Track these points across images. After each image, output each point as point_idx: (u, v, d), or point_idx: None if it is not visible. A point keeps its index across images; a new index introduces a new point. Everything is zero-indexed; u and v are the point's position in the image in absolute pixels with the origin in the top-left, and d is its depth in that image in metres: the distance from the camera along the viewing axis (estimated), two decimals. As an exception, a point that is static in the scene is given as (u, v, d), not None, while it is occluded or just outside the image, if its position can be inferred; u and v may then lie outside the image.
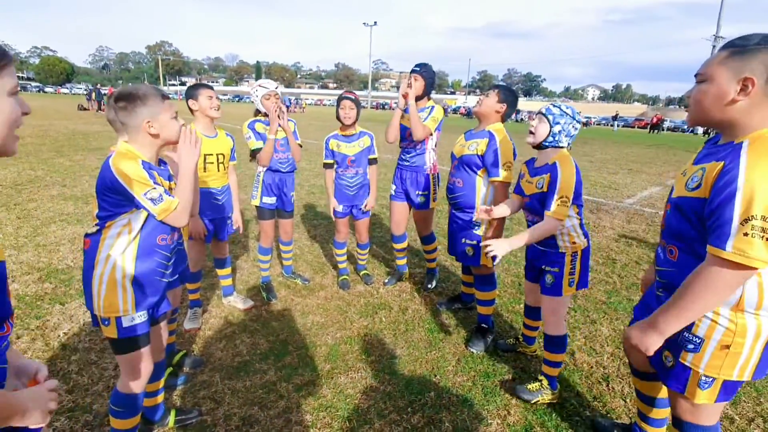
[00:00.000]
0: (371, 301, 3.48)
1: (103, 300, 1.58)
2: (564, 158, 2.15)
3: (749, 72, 1.15)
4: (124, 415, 1.74)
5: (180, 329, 2.92)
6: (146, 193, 1.52)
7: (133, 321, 1.63)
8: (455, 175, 2.79)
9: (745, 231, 1.10)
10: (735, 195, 1.12)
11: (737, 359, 1.30)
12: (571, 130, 2.15)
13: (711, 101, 1.23)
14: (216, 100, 2.77)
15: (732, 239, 1.12)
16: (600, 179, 9.84)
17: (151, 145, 1.62)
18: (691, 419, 1.45)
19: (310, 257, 4.39)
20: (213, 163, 2.81)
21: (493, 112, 2.68)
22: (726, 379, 1.33)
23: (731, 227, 1.12)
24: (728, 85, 1.19)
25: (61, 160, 8.73)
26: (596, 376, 2.59)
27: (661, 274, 1.48)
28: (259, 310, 3.28)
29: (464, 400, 2.35)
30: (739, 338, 1.27)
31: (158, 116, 1.59)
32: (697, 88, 1.27)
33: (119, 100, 1.55)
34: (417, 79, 3.23)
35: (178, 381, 2.39)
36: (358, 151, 3.42)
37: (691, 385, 1.38)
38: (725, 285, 1.17)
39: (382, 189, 7.50)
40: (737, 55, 1.18)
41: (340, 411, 2.24)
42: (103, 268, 1.58)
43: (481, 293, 2.89)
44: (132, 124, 1.57)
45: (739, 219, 1.11)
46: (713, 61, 1.24)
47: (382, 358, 2.71)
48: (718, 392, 1.36)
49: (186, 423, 2.10)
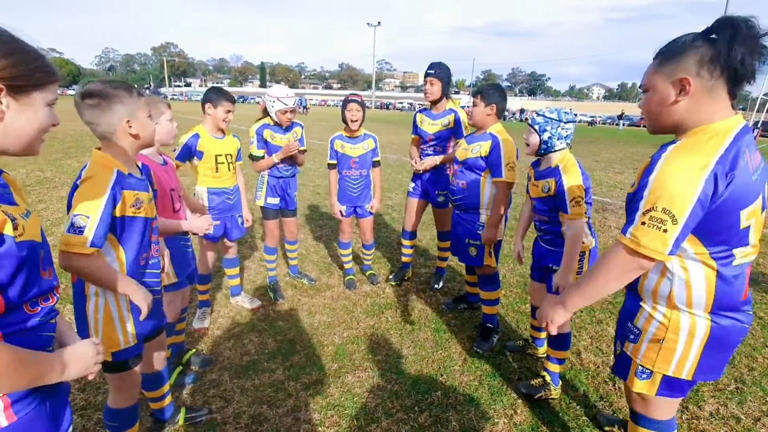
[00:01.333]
0: (377, 301, 3.50)
1: (101, 336, 1.48)
2: (565, 160, 2.19)
3: (682, 72, 1.19)
4: (120, 428, 1.70)
5: (189, 329, 2.95)
6: (77, 215, 1.32)
7: (128, 344, 1.55)
8: (459, 177, 2.82)
9: (643, 220, 1.17)
10: (646, 187, 1.18)
11: (672, 355, 1.34)
12: (561, 132, 2.17)
13: (656, 108, 1.28)
14: (231, 116, 2.82)
15: (632, 227, 1.20)
16: (606, 179, 9.80)
17: (130, 148, 1.48)
18: (642, 411, 1.51)
19: (315, 257, 4.42)
20: (224, 164, 2.86)
21: (486, 117, 2.71)
22: (664, 374, 1.37)
23: (636, 216, 1.19)
24: (666, 90, 1.23)
25: (69, 161, 8.82)
26: (602, 376, 2.60)
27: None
28: (266, 309, 3.31)
29: (471, 400, 2.37)
30: (672, 334, 1.32)
31: (137, 114, 1.44)
32: (644, 98, 1.33)
33: (89, 97, 1.38)
34: (434, 83, 3.25)
35: (187, 380, 2.43)
36: (362, 153, 3.45)
37: (630, 373, 1.45)
38: (621, 269, 1.23)
39: (386, 189, 7.52)
40: (667, 60, 1.22)
41: (347, 410, 2.26)
42: (96, 302, 1.48)
43: (485, 293, 2.91)
44: (106, 123, 1.40)
45: (643, 209, 1.18)
46: (649, 70, 1.29)
47: (388, 358, 2.73)
48: (658, 386, 1.40)
49: (196, 421, 2.13)
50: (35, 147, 0.91)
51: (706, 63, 1.15)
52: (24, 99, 0.86)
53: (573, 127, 2.21)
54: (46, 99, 0.90)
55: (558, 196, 2.15)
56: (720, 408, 2.34)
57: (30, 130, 0.89)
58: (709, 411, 2.31)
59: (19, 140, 0.88)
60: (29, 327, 0.89)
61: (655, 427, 1.49)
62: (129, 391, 1.66)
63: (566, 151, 2.23)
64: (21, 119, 0.86)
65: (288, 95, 3.11)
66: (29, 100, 0.87)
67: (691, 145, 1.19)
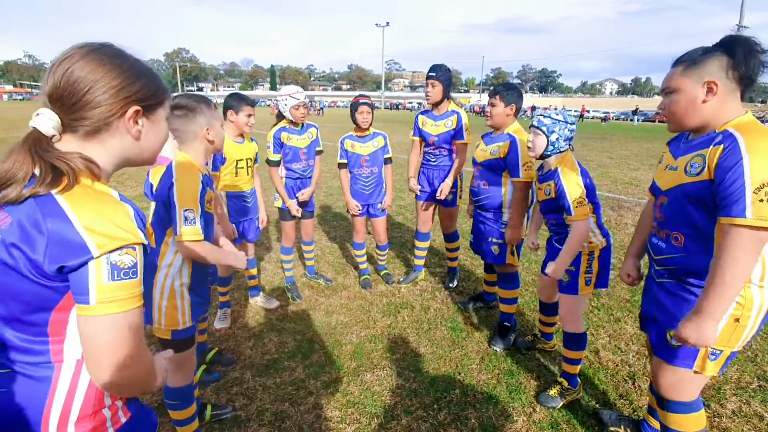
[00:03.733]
0: (393, 301, 3.54)
1: (164, 316, 1.68)
2: (565, 162, 2.19)
3: (709, 76, 1.36)
4: (181, 406, 1.86)
5: (211, 328, 3.03)
6: (187, 210, 1.59)
7: (186, 325, 1.75)
8: (480, 178, 2.84)
9: (760, 198, 1.23)
10: (743, 170, 1.25)
11: (743, 331, 1.40)
12: (567, 133, 2.18)
13: (684, 107, 1.43)
14: (253, 119, 2.91)
15: (750, 207, 1.24)
16: (621, 176, 9.67)
17: (205, 151, 1.75)
18: (675, 397, 1.56)
19: (331, 258, 4.48)
20: (243, 168, 2.94)
21: (506, 118, 2.74)
22: (732, 351, 1.44)
23: (746, 197, 1.24)
24: (695, 91, 1.39)
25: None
26: (621, 375, 2.59)
27: (665, 262, 1.57)
28: (284, 309, 3.37)
29: (489, 398, 2.38)
30: (747, 311, 1.38)
31: (213, 123, 1.72)
32: (669, 99, 1.47)
33: (178, 109, 1.66)
34: (435, 86, 3.27)
35: (211, 378, 2.50)
36: (372, 151, 3.50)
37: (701, 360, 1.47)
38: (749, 251, 1.26)
39: (398, 189, 7.55)
40: (692, 67, 1.40)
41: (367, 407, 2.30)
42: (163, 283, 1.67)
43: (504, 291, 2.92)
44: (190, 131, 1.68)
45: (752, 188, 1.24)
46: (674, 75, 1.45)
47: (406, 356, 2.77)
48: (722, 364, 1.47)
49: (221, 418, 2.20)
50: (156, 158, 0.98)
51: (729, 69, 1.36)
52: (153, 117, 0.91)
53: (574, 128, 2.22)
54: (166, 114, 0.96)
55: (559, 199, 2.16)
56: (743, 406, 2.31)
57: (158, 143, 0.95)
58: (731, 409, 2.29)
59: (150, 153, 0.95)
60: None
61: (689, 408, 1.56)
62: (186, 370, 1.83)
63: (567, 152, 2.23)
64: (151, 136, 0.92)
65: (298, 91, 3.25)
66: (156, 117, 0.92)
67: (761, 129, 1.32)
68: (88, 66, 0.80)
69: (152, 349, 2.79)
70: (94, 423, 0.86)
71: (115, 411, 0.91)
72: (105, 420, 0.88)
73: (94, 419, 0.86)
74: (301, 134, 3.35)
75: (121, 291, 0.75)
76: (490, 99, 2.78)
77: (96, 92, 0.80)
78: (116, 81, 0.82)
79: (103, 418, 0.88)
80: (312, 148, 3.43)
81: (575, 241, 2.12)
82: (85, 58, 0.80)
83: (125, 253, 0.75)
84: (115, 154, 0.88)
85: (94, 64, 0.80)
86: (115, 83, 0.82)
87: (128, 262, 0.75)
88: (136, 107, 0.85)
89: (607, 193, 7.61)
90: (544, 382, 2.52)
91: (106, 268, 0.73)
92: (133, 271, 0.76)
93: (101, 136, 0.85)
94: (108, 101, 0.81)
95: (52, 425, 0.81)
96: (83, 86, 0.79)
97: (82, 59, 0.80)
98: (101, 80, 0.80)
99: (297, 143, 3.33)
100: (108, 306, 0.74)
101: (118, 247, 0.74)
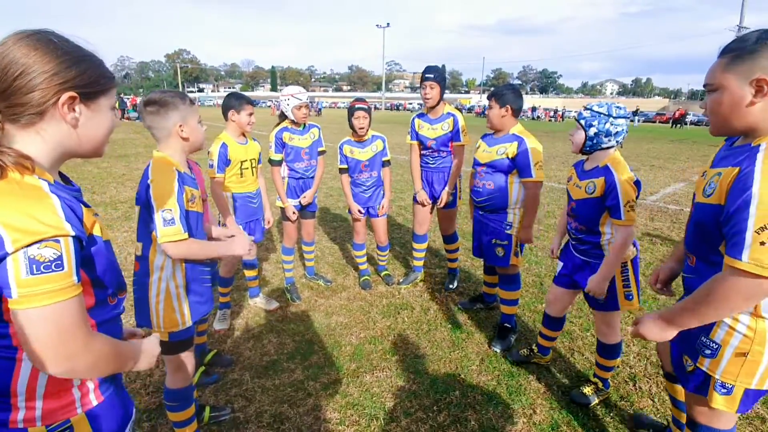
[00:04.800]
0: (393, 302, 3.53)
1: (162, 318, 1.68)
2: (616, 162, 2.03)
3: (760, 72, 1.10)
4: (180, 407, 1.86)
5: (210, 329, 3.02)
6: (163, 210, 1.55)
7: (185, 326, 1.74)
8: (484, 179, 2.81)
9: (761, 240, 1.05)
10: (750, 202, 1.07)
11: (756, 367, 1.25)
12: (610, 128, 2.00)
13: (728, 109, 1.18)
14: (254, 118, 2.90)
15: (748, 249, 1.07)
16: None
17: (182, 149, 1.69)
18: (706, 422, 1.43)
19: (331, 259, 4.47)
20: (248, 169, 2.94)
21: (501, 119, 2.73)
22: (746, 388, 1.28)
23: (746, 236, 1.07)
24: (741, 90, 1.14)
25: (88, 167, 9.06)
26: (623, 376, 2.58)
27: (685, 281, 1.47)
28: (284, 310, 3.37)
29: (489, 399, 2.37)
30: (758, 346, 1.23)
31: (188, 120, 1.65)
32: (710, 98, 1.23)
33: (149, 105, 1.61)
34: (433, 87, 3.25)
35: (210, 379, 2.49)
36: (371, 156, 3.49)
37: (710, 390, 1.35)
38: (744, 296, 1.11)
39: (398, 190, 7.54)
40: (740, 59, 1.14)
41: (367, 409, 2.29)
42: (158, 286, 1.66)
43: (505, 293, 2.91)
44: (163, 128, 1.62)
45: (755, 227, 1.06)
46: (717, 68, 1.20)
47: (406, 358, 2.76)
48: (740, 401, 1.30)
49: (220, 419, 2.19)
50: (103, 149, 0.96)
51: None
52: (93, 105, 0.88)
53: (625, 123, 2.02)
54: (110, 103, 0.93)
55: (607, 197, 1.99)
56: (745, 408, 2.30)
57: (100, 134, 0.92)
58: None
59: (91, 144, 0.92)
60: (110, 318, 0.98)
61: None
62: (185, 372, 1.82)
63: (616, 150, 2.07)
64: (92, 125, 0.89)
65: (300, 91, 3.25)
66: (97, 106, 0.90)
67: None
68: (20, 51, 0.78)
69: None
70: (62, 402, 0.89)
71: (85, 392, 0.93)
72: (74, 400, 0.91)
73: (61, 397, 0.89)
74: (303, 134, 3.35)
75: (45, 284, 0.74)
76: (488, 101, 2.79)
77: (27, 77, 0.78)
78: (49, 66, 0.80)
79: (71, 398, 0.91)
80: (314, 148, 3.42)
81: (621, 248, 1.96)
82: (18, 44, 0.79)
83: (45, 246, 0.74)
84: (53, 145, 0.86)
85: (26, 48, 0.79)
86: (47, 68, 0.79)
87: (49, 255, 0.74)
88: (71, 93, 0.83)
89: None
90: (545, 384, 2.51)
91: (23, 262, 0.73)
92: (57, 263, 0.75)
93: (38, 125, 0.83)
94: (41, 87, 0.79)
95: (20, 397, 0.85)
96: (14, 71, 0.78)
97: (14, 44, 0.79)
98: (33, 65, 0.78)
99: (299, 143, 3.33)
100: (31, 299, 0.74)
101: (36, 240, 0.73)
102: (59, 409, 0.89)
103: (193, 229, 1.68)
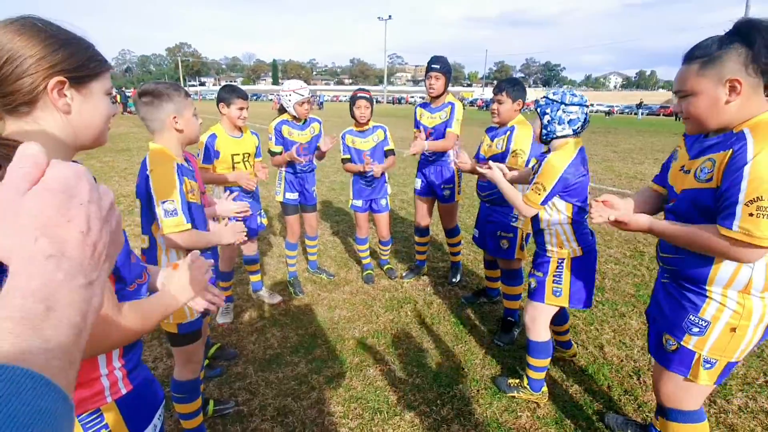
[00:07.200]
0: (396, 296, 3.52)
1: None
2: (560, 148, 1.99)
3: (730, 73, 1.22)
4: (187, 399, 1.86)
5: (213, 323, 3.02)
6: (165, 202, 1.54)
7: (194, 317, 1.74)
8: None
9: (750, 211, 1.17)
10: (742, 178, 1.19)
11: (741, 341, 1.36)
12: (562, 116, 1.92)
13: (706, 111, 1.29)
14: (246, 112, 2.84)
15: (738, 219, 1.19)
16: (625, 170, 9.58)
17: (177, 141, 1.66)
18: (676, 405, 1.51)
19: (333, 253, 4.46)
20: (240, 162, 2.90)
21: (513, 113, 2.73)
22: (729, 361, 1.39)
23: (737, 209, 1.19)
24: (716, 92, 1.25)
25: (91, 161, 9.06)
26: (626, 370, 2.57)
27: (667, 262, 1.52)
28: (287, 304, 3.37)
29: (493, 393, 2.37)
30: (745, 321, 1.33)
31: (183, 112, 1.63)
32: (687, 102, 1.32)
33: (144, 95, 1.59)
34: (438, 78, 3.22)
35: (214, 372, 2.49)
36: (373, 146, 3.46)
37: (694, 367, 1.43)
38: (722, 254, 1.26)
39: (401, 184, 7.52)
40: (710, 64, 1.25)
41: (370, 402, 2.29)
42: None
43: (507, 287, 2.90)
44: (157, 119, 1.60)
45: (745, 200, 1.18)
46: (689, 75, 1.30)
47: (409, 351, 2.75)
48: (719, 374, 1.41)
49: (224, 413, 2.19)
50: (104, 137, 0.93)
51: (750, 63, 1.20)
52: (84, 90, 0.86)
53: (579, 111, 1.93)
54: (104, 88, 0.90)
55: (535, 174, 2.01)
56: (749, 402, 2.29)
57: (97, 120, 0.90)
58: (737, 405, 2.26)
59: (89, 132, 0.89)
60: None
61: (689, 418, 1.50)
62: (193, 363, 1.83)
63: (570, 139, 1.98)
64: (86, 111, 0.87)
65: (302, 86, 3.19)
66: (89, 91, 0.87)
67: None
68: (4, 37, 0.77)
69: (162, 341, 2.79)
70: (92, 390, 0.91)
71: (114, 381, 0.95)
72: (103, 389, 0.93)
73: (91, 387, 0.90)
74: (303, 129, 3.31)
75: None
76: (497, 96, 2.74)
77: (14, 63, 0.77)
78: (35, 49, 0.78)
79: (100, 386, 0.92)
80: (313, 143, 3.39)
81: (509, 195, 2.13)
82: (1, 31, 0.77)
83: None
84: (52, 134, 0.84)
85: (10, 35, 0.77)
86: (33, 52, 0.78)
87: None
88: (60, 78, 0.80)
89: (611, 187, 7.54)
90: (549, 378, 2.50)
91: None
92: None
93: (34, 113, 0.81)
94: (29, 72, 0.78)
95: None
96: (0, 58, 0.76)
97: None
98: (19, 50, 0.77)
99: (297, 138, 3.29)
100: None
101: None
102: (89, 398, 0.90)
103: (196, 221, 1.68)
